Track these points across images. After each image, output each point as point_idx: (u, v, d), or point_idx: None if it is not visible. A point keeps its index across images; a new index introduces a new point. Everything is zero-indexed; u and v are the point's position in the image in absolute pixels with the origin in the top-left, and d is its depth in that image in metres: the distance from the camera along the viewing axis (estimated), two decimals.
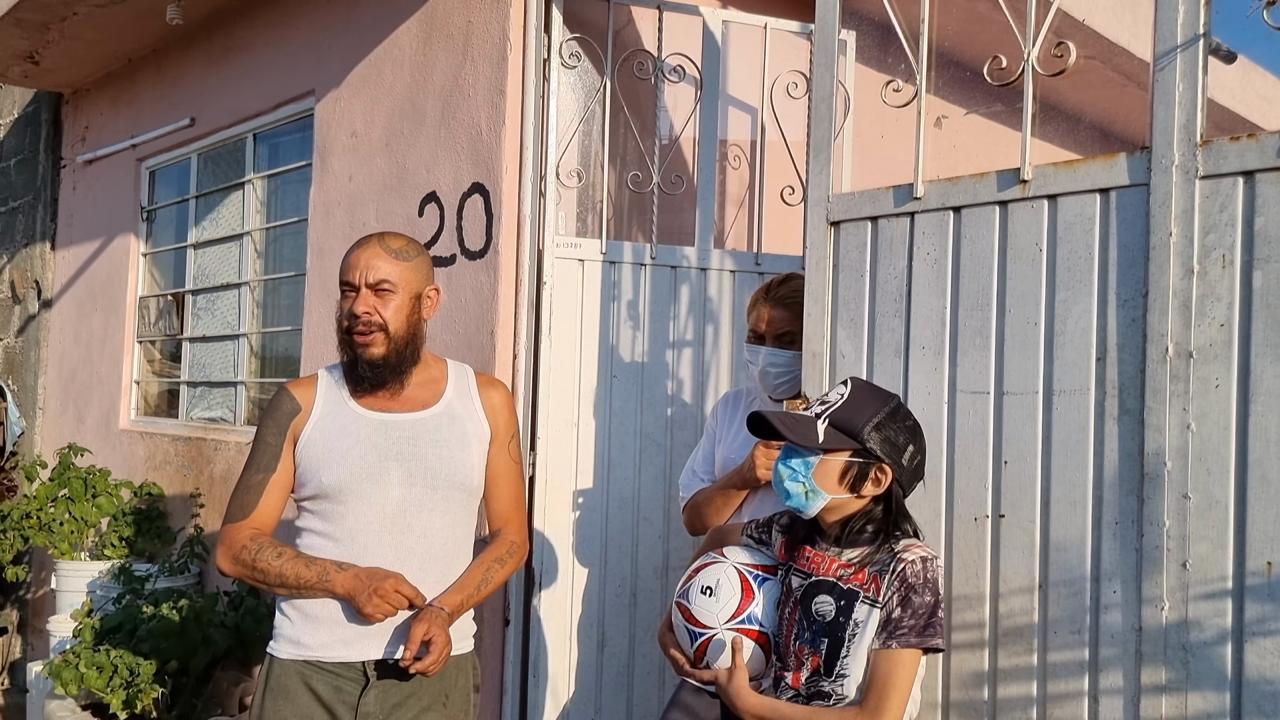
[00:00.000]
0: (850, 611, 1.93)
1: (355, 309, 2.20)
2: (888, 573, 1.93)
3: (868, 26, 3.94)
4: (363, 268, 2.20)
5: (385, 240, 2.25)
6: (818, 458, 1.96)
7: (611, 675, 3.47)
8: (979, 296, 2.15)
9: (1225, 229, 1.85)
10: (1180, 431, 1.87)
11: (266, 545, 2.16)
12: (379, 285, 2.20)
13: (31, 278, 6.62)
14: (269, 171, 4.98)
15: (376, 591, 2.09)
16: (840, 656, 1.92)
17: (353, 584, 2.11)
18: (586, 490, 3.44)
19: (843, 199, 2.38)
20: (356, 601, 2.11)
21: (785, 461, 2.00)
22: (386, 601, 2.09)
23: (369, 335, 2.19)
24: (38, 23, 5.21)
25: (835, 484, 1.95)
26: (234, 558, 2.17)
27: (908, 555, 1.93)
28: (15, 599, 6.29)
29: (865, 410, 1.97)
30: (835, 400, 1.99)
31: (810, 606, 1.98)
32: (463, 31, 3.63)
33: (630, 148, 3.64)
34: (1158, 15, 1.92)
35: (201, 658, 4.00)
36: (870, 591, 1.94)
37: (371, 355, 2.20)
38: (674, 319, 3.54)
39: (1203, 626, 1.84)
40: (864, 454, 1.94)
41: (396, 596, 2.10)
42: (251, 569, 2.15)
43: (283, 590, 2.17)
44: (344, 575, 2.13)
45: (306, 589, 2.14)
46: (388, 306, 2.20)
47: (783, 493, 2.01)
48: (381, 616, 2.10)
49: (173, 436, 5.34)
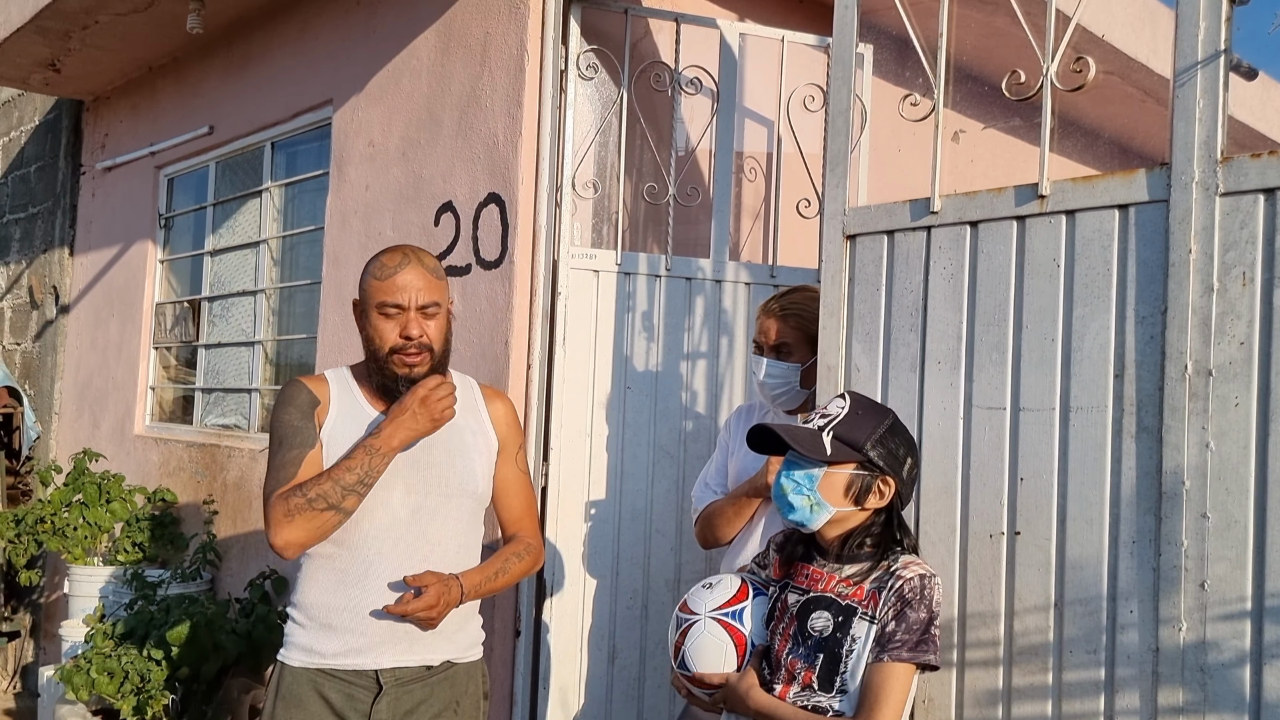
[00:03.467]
0: (848, 628, 1.94)
1: (409, 331, 2.18)
2: (885, 589, 1.95)
3: (885, 40, 3.94)
4: (413, 291, 2.18)
5: (423, 259, 2.24)
6: (822, 470, 1.96)
7: (622, 688, 3.45)
8: (996, 312, 2.14)
9: (1245, 246, 1.83)
10: (1199, 450, 1.86)
11: (307, 484, 2.09)
12: (427, 308, 2.21)
13: (50, 283, 6.67)
14: (286, 180, 5.01)
15: (423, 402, 2.13)
16: (839, 672, 1.93)
17: (402, 428, 2.13)
18: (599, 501, 3.43)
19: (859, 212, 2.38)
20: (419, 424, 2.14)
21: (788, 474, 1.99)
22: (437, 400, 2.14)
23: (419, 356, 2.20)
24: (59, 31, 5.26)
25: (840, 497, 1.97)
26: (286, 515, 2.07)
27: (906, 572, 1.96)
28: (28, 603, 6.31)
29: (867, 423, 2.00)
30: (836, 413, 2.00)
31: (806, 622, 1.99)
32: (480, 42, 3.64)
33: (646, 159, 3.64)
34: (1178, 31, 1.91)
35: (212, 664, 4.00)
36: (868, 607, 1.95)
37: (418, 375, 2.21)
38: (689, 331, 3.53)
39: (1221, 648, 1.81)
40: (867, 466, 1.97)
41: (441, 387, 2.15)
42: (308, 507, 2.06)
43: (353, 499, 2.09)
44: (388, 429, 2.13)
45: (373, 473, 2.11)
46: (434, 329, 2.22)
47: (785, 507, 2.00)
48: (450, 410, 2.15)
49: (187, 443, 5.35)
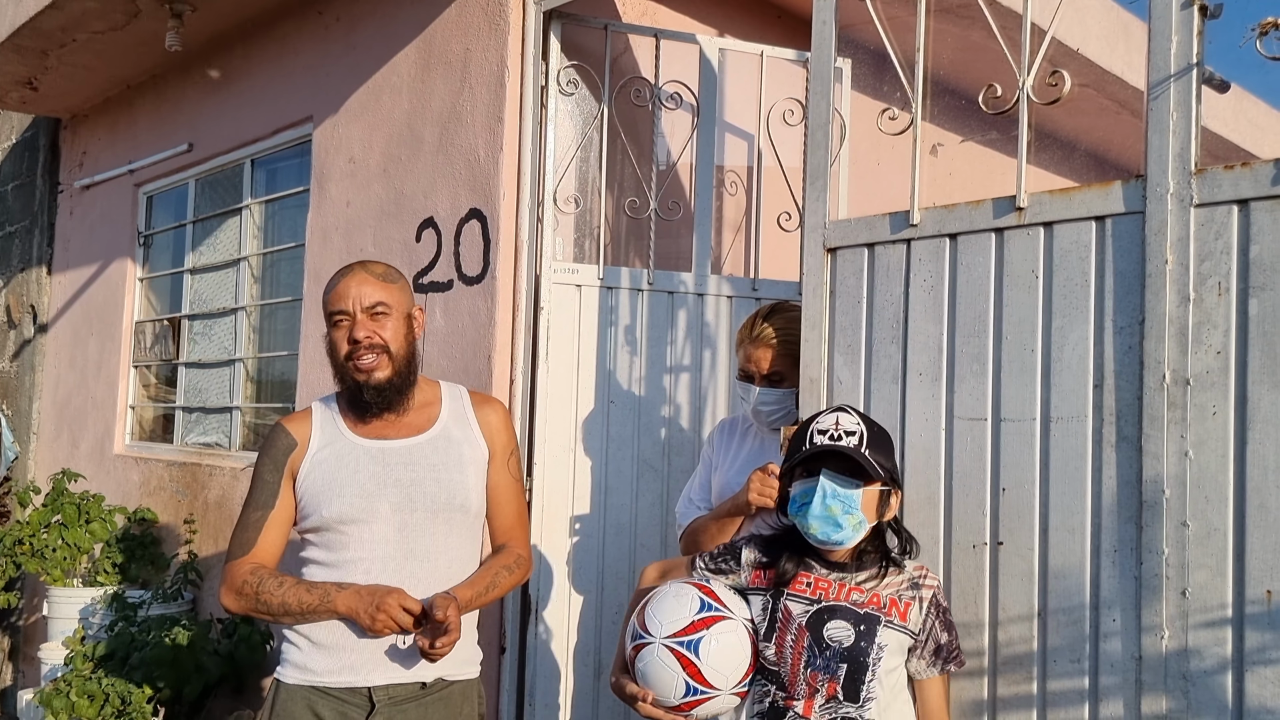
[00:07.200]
0: (873, 636, 1.94)
1: (356, 334, 2.20)
2: (916, 600, 1.97)
3: (863, 55, 3.97)
4: (355, 295, 2.22)
5: (369, 266, 2.28)
6: (861, 490, 1.95)
7: (607, 703, 3.44)
8: (976, 323, 2.15)
9: (1221, 257, 1.85)
10: (1178, 459, 1.87)
11: (267, 577, 2.17)
12: (374, 309, 2.22)
13: (27, 302, 6.62)
14: (267, 197, 4.99)
15: (379, 607, 2.09)
16: (865, 681, 1.92)
17: (354, 601, 2.12)
18: (583, 516, 3.42)
19: (839, 225, 2.39)
20: (360, 619, 2.11)
21: (835, 496, 1.94)
22: (390, 616, 2.09)
23: (374, 358, 2.20)
24: (37, 49, 5.23)
25: (873, 512, 1.98)
26: (237, 593, 2.18)
27: (930, 581, 2.01)
28: (6, 626, 6.24)
29: (886, 438, 2.03)
30: (859, 430, 1.98)
31: (822, 632, 1.96)
32: (461, 59, 3.65)
33: (628, 174, 3.65)
34: (1151, 45, 1.94)
35: (194, 686, 3.97)
36: (893, 616, 1.96)
37: (378, 380, 2.21)
38: (671, 344, 3.54)
39: (1203, 655, 1.83)
40: (889, 480, 1.99)
41: (399, 611, 2.09)
42: (255, 601, 2.15)
43: (287, 619, 2.17)
44: (345, 594, 2.13)
45: (310, 613, 2.14)
46: (386, 329, 2.23)
47: (831, 528, 1.94)
48: (386, 631, 2.10)
49: (167, 462, 5.32)
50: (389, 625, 2.09)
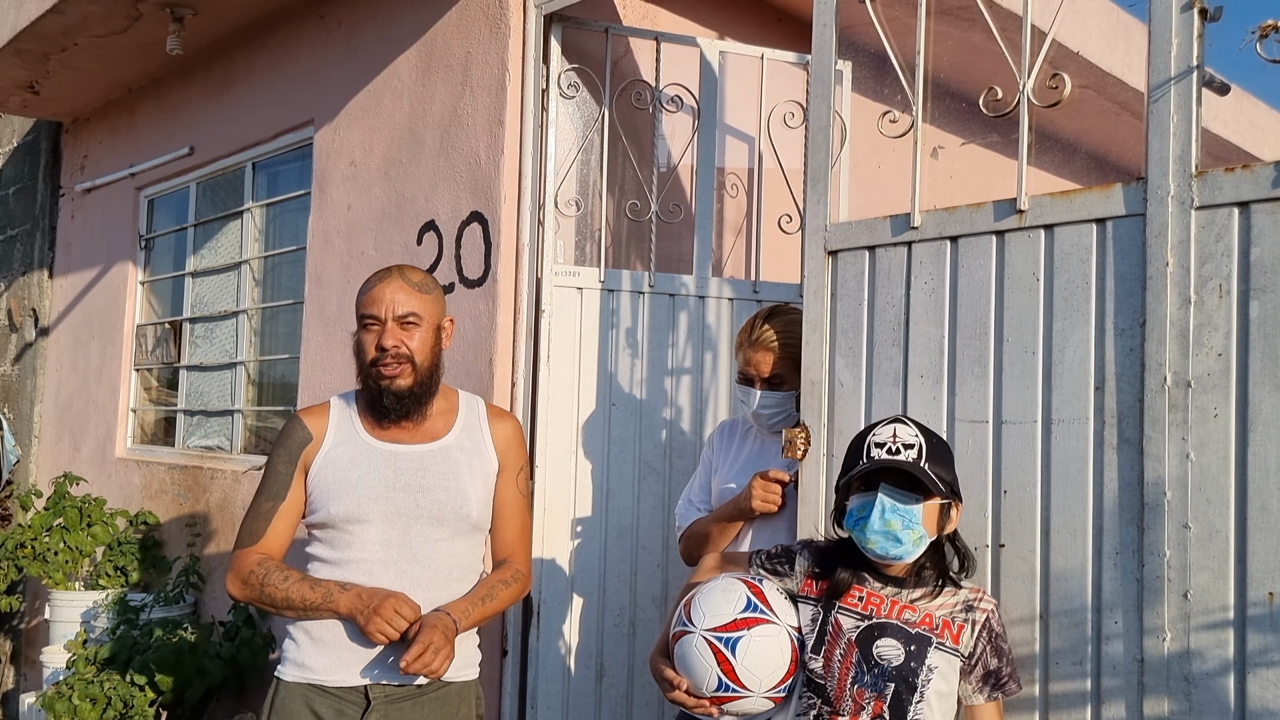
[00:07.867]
0: (923, 657, 1.90)
1: (384, 342, 2.21)
2: (969, 624, 1.93)
3: (864, 57, 3.97)
4: (389, 302, 2.22)
5: (406, 274, 2.28)
6: (921, 504, 1.91)
7: (610, 706, 3.44)
8: (977, 325, 2.15)
9: (1221, 259, 1.85)
10: (1180, 461, 1.87)
11: (274, 569, 2.19)
12: (406, 318, 2.23)
13: (29, 306, 6.62)
14: (268, 200, 5.00)
15: (377, 611, 2.10)
16: (914, 702, 1.89)
17: (355, 603, 2.13)
18: (585, 519, 3.43)
19: (840, 228, 2.39)
20: (357, 621, 2.13)
21: (894, 511, 1.90)
22: (386, 622, 2.10)
23: (398, 367, 2.22)
24: (38, 53, 5.24)
25: (934, 526, 1.94)
26: (243, 581, 2.20)
27: (985, 604, 1.96)
28: (9, 629, 6.24)
29: (945, 450, 1.97)
30: (918, 442, 1.93)
31: (871, 649, 1.93)
32: (462, 62, 3.65)
33: (628, 176, 3.65)
34: (1151, 48, 1.94)
35: (197, 689, 3.97)
36: (945, 638, 1.92)
37: (399, 387, 2.22)
38: (672, 347, 3.54)
39: (1205, 657, 1.83)
40: (950, 493, 1.94)
41: (396, 618, 2.10)
42: (260, 592, 2.18)
43: (289, 612, 2.19)
44: (347, 595, 2.15)
45: (312, 610, 2.16)
46: (414, 339, 2.24)
47: (891, 543, 1.90)
48: (383, 638, 2.11)
49: (169, 465, 5.32)
50: (385, 631, 2.10)
